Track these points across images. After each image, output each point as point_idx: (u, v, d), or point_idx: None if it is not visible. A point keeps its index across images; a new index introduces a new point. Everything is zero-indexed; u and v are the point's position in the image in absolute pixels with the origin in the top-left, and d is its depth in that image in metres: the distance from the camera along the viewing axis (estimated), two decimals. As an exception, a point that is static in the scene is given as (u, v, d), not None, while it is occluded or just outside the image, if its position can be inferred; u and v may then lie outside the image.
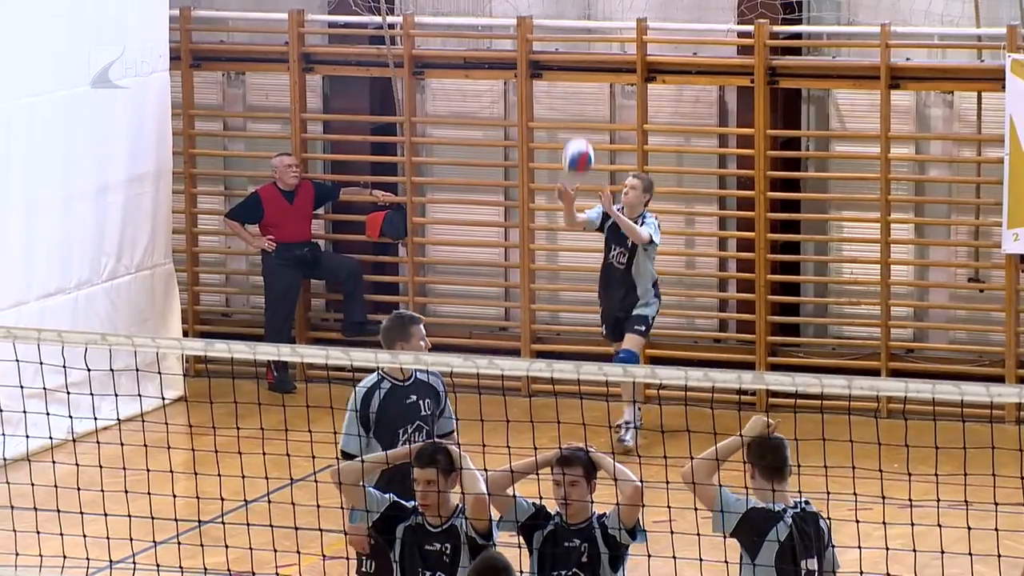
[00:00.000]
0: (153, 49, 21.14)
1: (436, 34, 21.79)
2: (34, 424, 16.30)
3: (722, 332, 21.63)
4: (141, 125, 20.80)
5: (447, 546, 10.89)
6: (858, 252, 21.42)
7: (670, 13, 21.37)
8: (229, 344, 13.95)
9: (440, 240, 22.29)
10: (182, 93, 21.73)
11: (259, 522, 13.37)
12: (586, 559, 10.71)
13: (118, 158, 20.56)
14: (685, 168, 21.38)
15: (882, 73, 19.97)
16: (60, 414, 16.74)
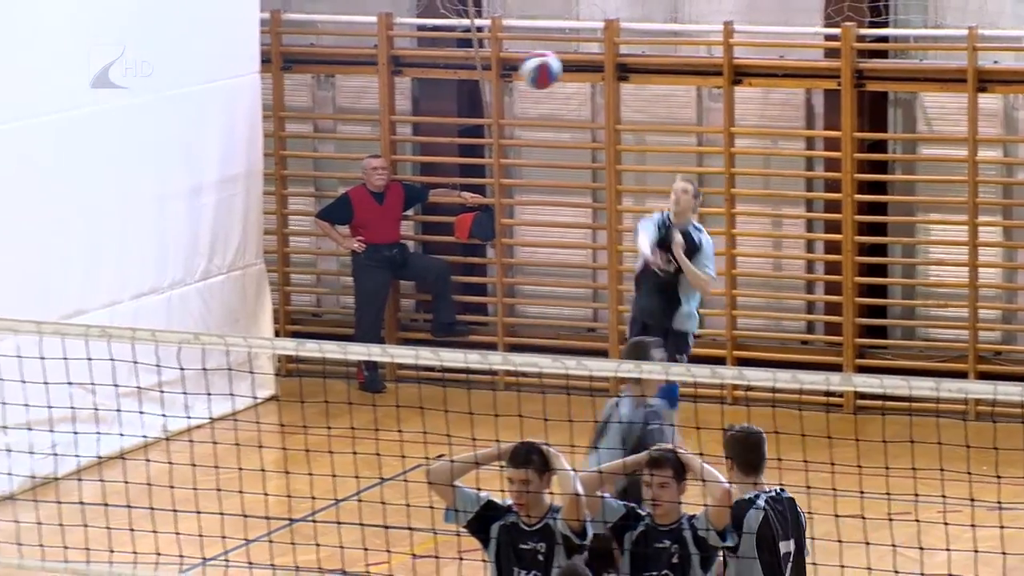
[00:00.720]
0: (242, 52, 21.19)
1: (524, 37, 21.33)
2: (128, 423, 16.82)
3: (809, 334, 21.44)
4: (232, 127, 20.95)
5: (542, 545, 10.97)
6: (945, 254, 21.10)
7: (757, 16, 21.25)
8: (320, 344, 13.66)
9: (528, 242, 22.27)
10: (273, 96, 21.85)
11: (350, 520, 13.64)
12: (677, 560, 10.73)
13: (210, 160, 20.74)
14: (772, 170, 21.30)
15: (969, 76, 19.71)
16: (154, 413, 16.57)
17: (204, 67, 20.25)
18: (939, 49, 21.02)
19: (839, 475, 12.01)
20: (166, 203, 20.09)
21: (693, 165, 21.14)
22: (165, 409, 16.51)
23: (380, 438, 14.02)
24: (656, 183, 21.03)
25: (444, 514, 11.24)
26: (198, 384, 16.67)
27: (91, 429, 17.46)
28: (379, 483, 15.37)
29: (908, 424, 12.78)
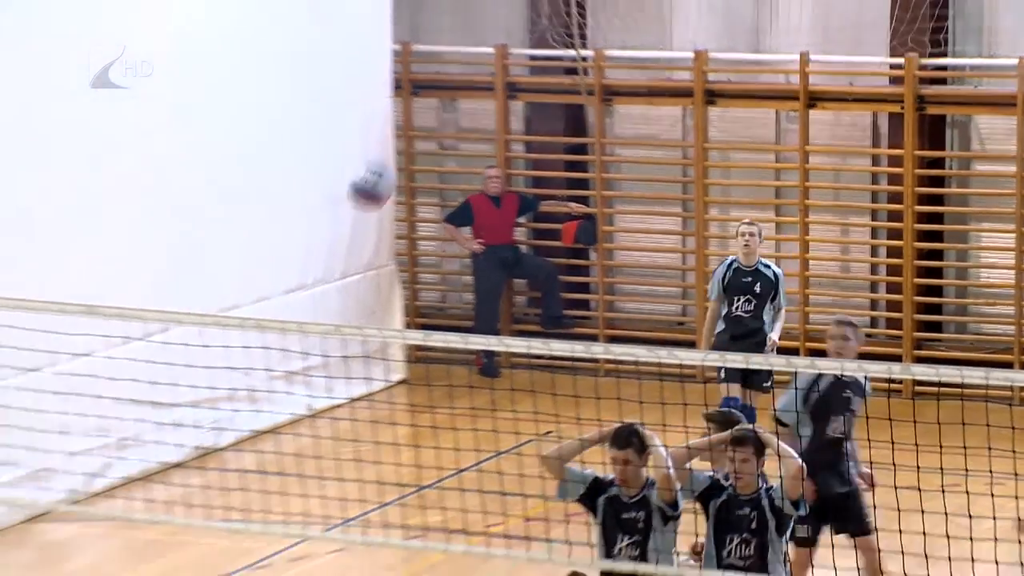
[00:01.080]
0: (373, 76, 21.29)
1: (623, 66, 21.67)
2: (280, 402, 18.01)
3: (873, 328, 21.35)
4: (368, 145, 20.78)
5: (641, 514, 11.09)
6: (995, 259, 21.21)
7: (829, 47, 21.22)
8: (444, 335, 14.02)
9: (626, 246, 22.26)
10: (403, 117, 21.99)
11: (471, 488, 13.95)
12: (755, 525, 10.87)
13: (349, 174, 21.16)
14: (841, 185, 21.37)
15: (1019, 101, 19.75)
16: (301, 394, 18.42)
17: (345, 93, 20.44)
18: (992, 77, 21.00)
19: (898, 452, 12.00)
20: (311, 212, 20.37)
21: (771, 180, 21.37)
22: (311, 391, 18.09)
23: (496, 417, 15.03)
24: (738, 196, 21.47)
25: (557, 490, 11.38)
26: (339, 369, 17.20)
27: (248, 407, 17.92)
28: (495, 456, 15.54)
29: (960, 408, 12.46)
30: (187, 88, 19.01)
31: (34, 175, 17.27)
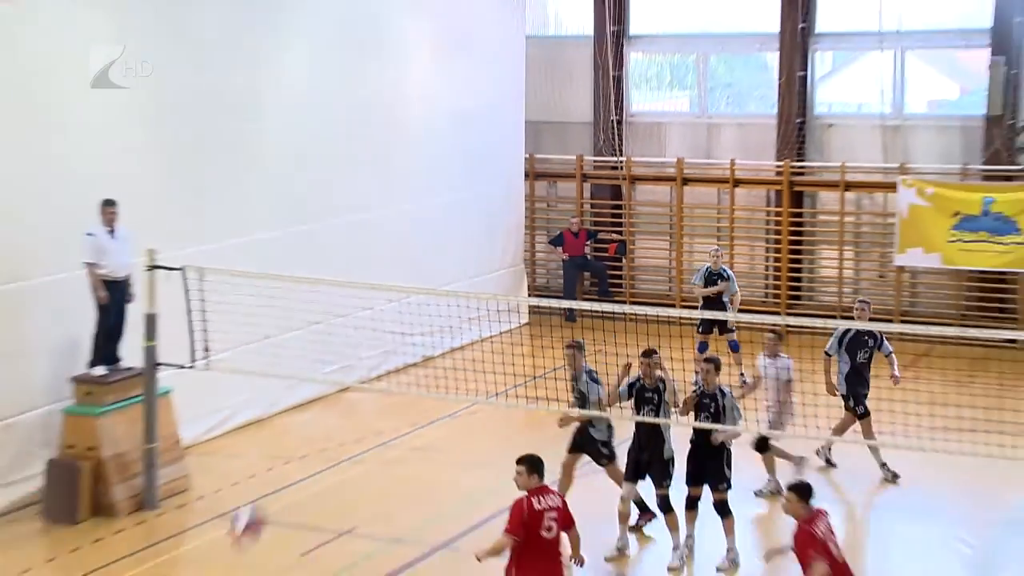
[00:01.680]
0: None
1: (641, 164, 23.75)
2: (469, 332, 19.38)
3: (766, 292, 23.44)
4: (512, 206, 23.93)
5: (654, 396, 12.84)
6: (825, 260, 23.26)
7: (746, 155, 23.66)
8: (548, 301, 18.41)
9: (641, 256, 24.45)
10: (529, 191, 24.53)
11: (562, 378, 14.76)
12: (714, 410, 12.71)
13: (503, 216, 23.59)
14: (752, 225, 23.96)
15: (841, 182, 22.47)
16: (474, 331, 19.19)
17: (504, 178, 23.53)
18: (825, 170, 23.10)
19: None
20: (491, 233, 23.20)
21: (715, 223, 23.67)
22: (480, 329, 19.26)
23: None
24: (700, 232, 24.21)
25: (620, 393, 12.93)
26: (496, 317, 19.14)
27: (451, 336, 19.21)
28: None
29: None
30: (430, 151, 21.14)
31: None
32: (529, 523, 9.74)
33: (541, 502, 9.86)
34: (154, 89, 15.95)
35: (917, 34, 22.64)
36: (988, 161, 21.94)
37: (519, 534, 9.74)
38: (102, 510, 14.27)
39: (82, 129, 15.14)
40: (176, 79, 16.29)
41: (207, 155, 16.80)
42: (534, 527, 9.75)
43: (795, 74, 23.23)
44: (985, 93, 21.90)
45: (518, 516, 9.79)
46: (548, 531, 9.79)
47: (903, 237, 21.74)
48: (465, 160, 22.07)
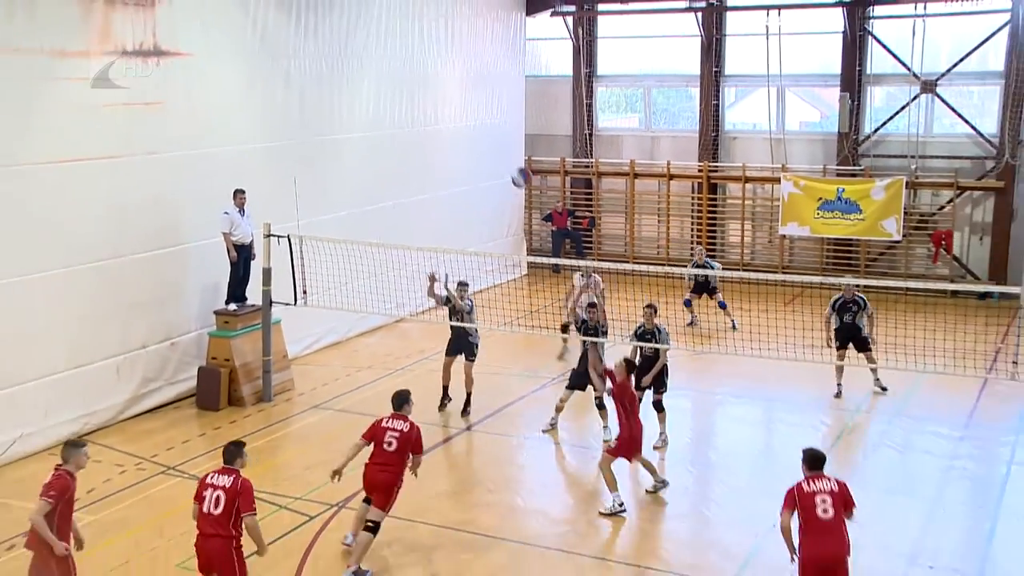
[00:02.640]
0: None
1: (606, 165, 23.23)
2: (483, 279, 18.40)
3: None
4: (513, 192, 22.18)
5: (653, 336, 12.41)
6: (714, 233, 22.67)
7: (677, 157, 23.22)
8: (541, 258, 17.63)
9: (607, 230, 24.01)
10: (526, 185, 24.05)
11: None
12: (653, 340, 12.47)
13: (506, 199, 22.61)
14: (683, 208, 23.32)
15: (743, 177, 22.19)
16: (483, 280, 18.40)
17: (502, 171, 20.21)
18: (730, 169, 22.62)
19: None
20: (500, 211, 22.59)
21: (655, 207, 23.18)
22: (492, 278, 19.31)
23: (561, 288, 18.28)
24: (642, 212, 23.43)
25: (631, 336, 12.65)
26: (503, 270, 20.42)
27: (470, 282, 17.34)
28: (567, 297, 16.97)
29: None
30: (458, 154, 20.78)
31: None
32: (375, 435, 9.65)
33: (389, 422, 9.74)
34: (269, 113, 16.29)
35: (792, 76, 22.37)
36: (840, 163, 21.98)
37: (368, 439, 9.69)
38: (235, 401, 14.46)
39: (224, 139, 15.35)
40: (283, 106, 16.61)
41: (304, 159, 16.86)
42: (379, 439, 9.64)
43: (711, 102, 23.14)
44: (837, 117, 21.96)
45: (369, 427, 9.75)
46: (388, 445, 9.54)
47: (784, 215, 21.55)
48: (482, 160, 21.72)
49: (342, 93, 17.59)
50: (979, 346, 14.72)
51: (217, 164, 15.00)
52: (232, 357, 14.36)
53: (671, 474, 11.86)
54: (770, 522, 10.25)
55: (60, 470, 8.14)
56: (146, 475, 11.96)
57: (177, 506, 10.85)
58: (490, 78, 21.73)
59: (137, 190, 13.82)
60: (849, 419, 13.85)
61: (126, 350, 13.96)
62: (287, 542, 10.18)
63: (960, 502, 11.16)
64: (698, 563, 9.71)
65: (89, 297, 13.28)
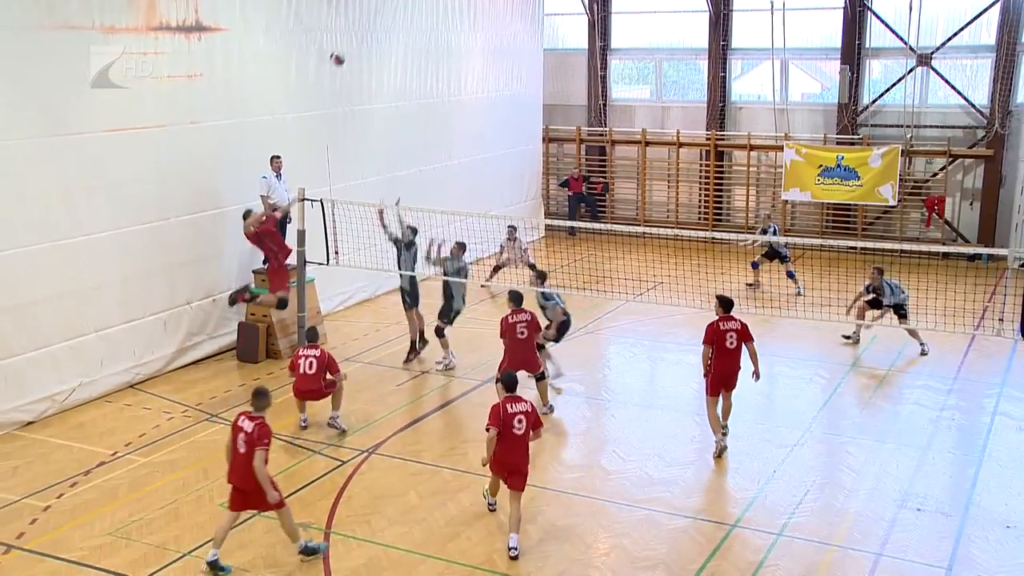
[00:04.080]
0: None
1: (620, 133, 22.79)
2: (496, 239, 18.11)
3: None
4: (531, 156, 22.56)
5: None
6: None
7: (687, 127, 22.95)
8: (560, 221, 17.41)
9: (620, 195, 23.97)
10: (544, 150, 23.31)
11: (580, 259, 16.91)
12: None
13: (523, 171, 22.33)
14: (687, 173, 23.01)
15: (747, 145, 21.92)
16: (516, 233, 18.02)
17: (526, 138, 22.48)
18: (735, 137, 22.28)
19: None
20: (520, 177, 22.34)
21: (665, 173, 22.78)
22: (518, 236, 18.10)
23: (577, 247, 18.79)
24: (654, 178, 23.15)
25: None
26: (523, 232, 18.92)
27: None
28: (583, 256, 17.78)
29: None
30: (481, 123, 20.51)
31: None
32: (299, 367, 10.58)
33: (302, 353, 10.87)
34: (303, 86, 16.11)
35: (795, 50, 22.13)
36: (840, 133, 21.72)
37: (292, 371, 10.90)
38: (272, 354, 14.51)
39: (260, 109, 15.25)
40: (316, 79, 16.39)
41: (336, 128, 16.73)
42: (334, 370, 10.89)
43: (718, 75, 22.81)
44: (837, 89, 21.70)
45: (292, 362, 10.87)
46: (308, 369, 10.43)
47: (787, 181, 21.27)
48: (503, 129, 21.52)
49: (371, 65, 17.36)
50: (968, 305, 14.70)
51: (254, 133, 14.93)
52: (269, 313, 14.32)
53: (680, 424, 11.91)
54: (772, 469, 10.47)
55: (259, 419, 8.63)
56: (191, 422, 12.07)
57: (219, 451, 10.67)
58: (510, 51, 21.45)
59: (180, 157, 13.77)
60: (845, 373, 13.81)
61: (172, 306, 14.01)
62: (322, 484, 10.31)
63: (947, 449, 11.19)
64: (704, 507, 9.79)
65: (139, 256, 13.33)
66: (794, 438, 11.44)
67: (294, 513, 9.17)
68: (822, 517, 9.51)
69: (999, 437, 11.49)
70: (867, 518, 9.48)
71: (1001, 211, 20.62)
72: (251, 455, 8.46)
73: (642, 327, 15.72)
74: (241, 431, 8.59)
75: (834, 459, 10.95)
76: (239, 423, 8.66)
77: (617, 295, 15.36)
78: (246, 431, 8.56)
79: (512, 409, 8.89)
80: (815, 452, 11.12)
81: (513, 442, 8.85)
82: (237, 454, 8.61)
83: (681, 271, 16.48)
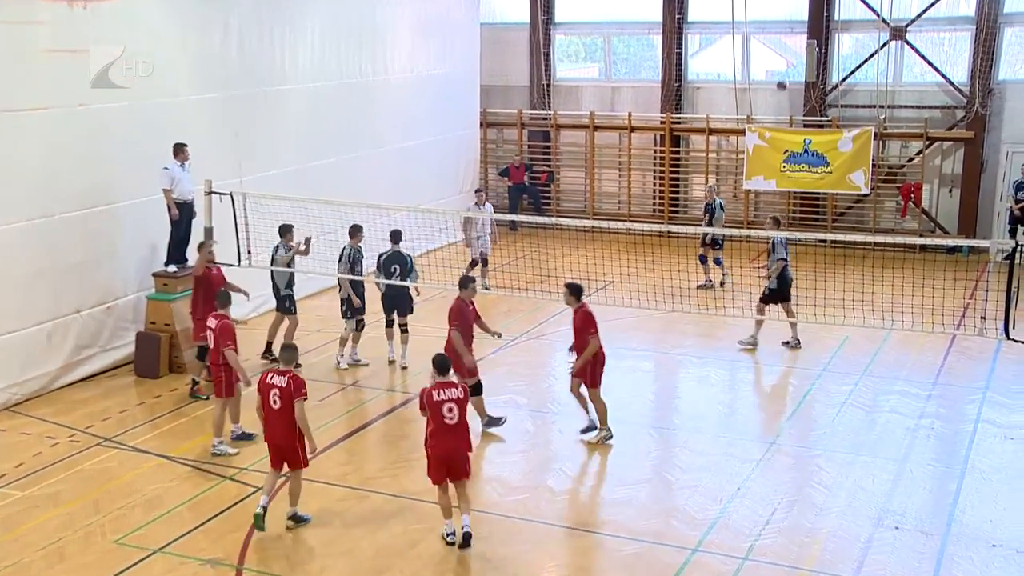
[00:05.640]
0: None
1: (564, 117, 23.13)
2: (441, 236, 19.11)
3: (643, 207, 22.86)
4: (468, 143, 22.95)
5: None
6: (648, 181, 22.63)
7: (639, 108, 23.31)
8: (503, 216, 18.21)
9: (565, 184, 24.10)
10: (482, 135, 23.66)
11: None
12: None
13: (457, 156, 22.58)
14: (645, 160, 23.32)
15: (706, 129, 22.26)
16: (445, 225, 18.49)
17: (462, 124, 22.79)
18: (694, 120, 22.69)
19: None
20: (456, 166, 22.50)
21: (615, 159, 23.05)
22: (447, 236, 19.34)
23: (520, 239, 19.15)
24: (603, 165, 23.30)
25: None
26: (458, 225, 18.84)
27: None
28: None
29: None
30: (410, 106, 20.61)
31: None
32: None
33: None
34: (208, 67, 16.02)
35: (757, 23, 22.47)
36: (807, 114, 22.05)
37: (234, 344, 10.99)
38: (175, 368, 14.38)
39: (158, 90, 15.10)
40: (221, 55, 16.33)
41: (247, 113, 16.72)
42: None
43: (673, 51, 23.14)
44: (803, 66, 22.07)
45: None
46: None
47: (749, 168, 21.60)
48: (436, 113, 21.66)
49: (284, 42, 17.40)
50: (947, 302, 14.86)
51: (152, 117, 14.80)
52: (172, 322, 14.23)
53: (633, 439, 11.91)
54: (735, 487, 10.49)
55: (289, 372, 9.56)
56: (80, 447, 11.83)
57: (114, 479, 10.85)
58: (442, 25, 21.62)
59: (66, 144, 13.58)
60: (815, 379, 13.94)
61: (58, 315, 13.83)
62: (234, 513, 10.18)
63: (927, 462, 11.30)
64: (661, 530, 9.76)
65: (16, 259, 13.09)
66: (759, 452, 11.51)
67: (201, 548, 9.21)
68: (791, 538, 9.55)
69: (982, 447, 11.62)
70: (840, 538, 9.56)
71: (982, 199, 21.05)
72: (288, 409, 9.33)
73: (592, 331, 15.76)
74: (273, 388, 9.39)
75: (804, 474, 11.02)
76: (269, 380, 9.44)
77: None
78: (279, 387, 9.37)
79: (440, 396, 8.94)
80: (783, 467, 11.19)
81: (447, 433, 8.97)
82: (271, 411, 9.42)
83: (634, 269, 16.64)
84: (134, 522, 9.93)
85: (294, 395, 9.33)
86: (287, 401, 9.33)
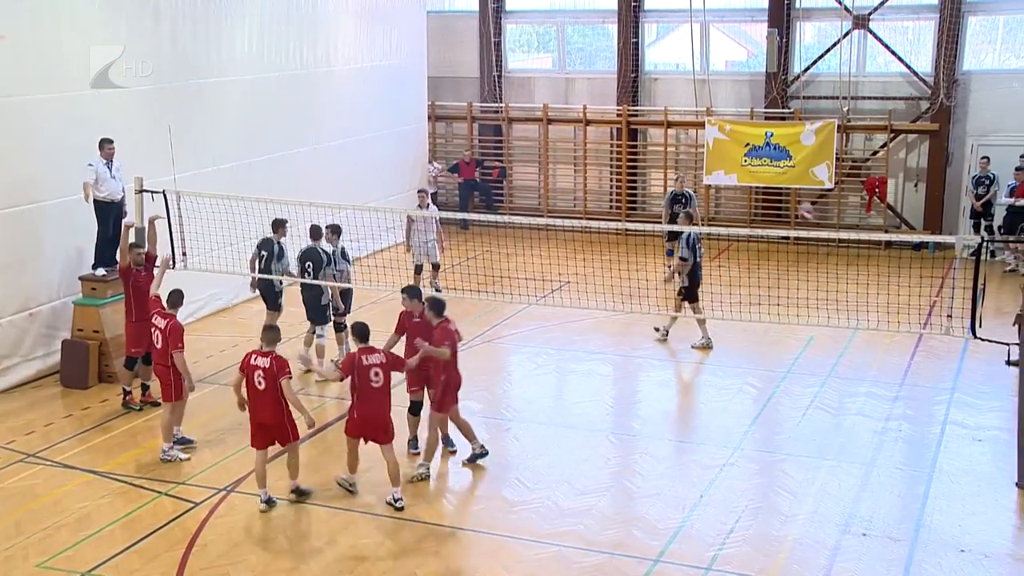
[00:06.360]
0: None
1: (517, 110, 23.19)
2: (390, 234, 19.31)
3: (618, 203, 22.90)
4: (415, 138, 23.04)
5: None
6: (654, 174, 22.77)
7: (596, 101, 23.49)
8: (450, 215, 18.37)
9: (518, 181, 24.03)
10: (431, 129, 23.76)
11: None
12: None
13: (403, 148, 22.63)
14: (601, 154, 23.57)
15: (664, 122, 22.61)
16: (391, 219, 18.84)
17: (409, 118, 22.76)
18: (651, 112, 22.93)
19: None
20: (402, 163, 22.44)
21: (570, 150, 23.30)
22: (395, 236, 19.18)
23: (470, 239, 19.20)
24: (559, 159, 23.78)
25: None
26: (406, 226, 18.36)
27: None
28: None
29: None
30: (354, 100, 20.56)
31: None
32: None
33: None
34: (136, 54, 15.82)
35: (716, 11, 22.70)
36: (768, 106, 22.24)
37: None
38: (105, 378, 14.17)
39: (83, 81, 14.98)
40: (153, 44, 16.21)
41: (180, 106, 16.55)
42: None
43: (630, 41, 23.21)
44: (764, 56, 22.26)
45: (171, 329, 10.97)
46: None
47: (709, 162, 21.78)
48: (381, 106, 21.69)
49: (220, 31, 17.26)
50: (913, 300, 14.94)
51: (77, 110, 14.62)
52: (102, 328, 14.07)
53: (592, 445, 11.90)
54: (698, 494, 10.56)
55: (272, 353, 10.14)
56: (1, 464, 11.57)
57: (38, 498, 10.65)
58: (388, 14, 21.63)
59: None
60: (779, 381, 14.02)
61: (-26, 323, 13.56)
62: (171, 531, 10.06)
63: (894, 465, 11.41)
64: (622, 540, 9.76)
65: (-72, 263, 12.84)
66: (723, 457, 11.53)
67: (135, 568, 9.10)
68: (756, 547, 9.56)
69: (951, 449, 11.75)
70: (807, 546, 9.61)
71: (948, 193, 21.37)
72: (274, 388, 9.94)
73: (547, 334, 15.74)
74: (257, 369, 9.99)
75: (768, 480, 11.06)
76: (252, 362, 10.04)
77: (517, 298, 15.39)
78: (263, 367, 9.98)
79: (367, 361, 9.86)
80: (747, 472, 11.22)
81: (371, 397, 9.88)
82: (256, 392, 10.02)
83: (590, 269, 16.71)
84: (60, 543, 9.72)
85: (278, 375, 9.91)
86: (271, 381, 9.91)
